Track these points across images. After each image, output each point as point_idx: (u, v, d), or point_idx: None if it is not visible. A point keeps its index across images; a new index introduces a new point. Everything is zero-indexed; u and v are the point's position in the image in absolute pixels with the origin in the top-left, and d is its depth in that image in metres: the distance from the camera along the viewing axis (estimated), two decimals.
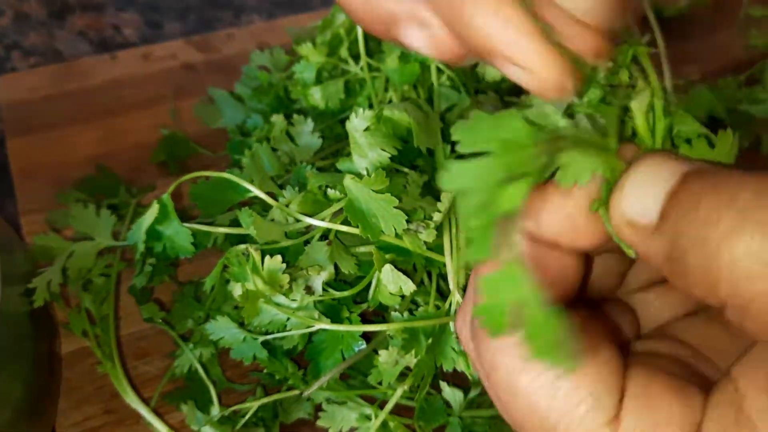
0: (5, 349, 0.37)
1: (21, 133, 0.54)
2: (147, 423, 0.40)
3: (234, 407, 0.39)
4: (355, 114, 0.37)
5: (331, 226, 0.37)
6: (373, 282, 0.38)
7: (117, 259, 0.45)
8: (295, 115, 0.45)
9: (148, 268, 0.43)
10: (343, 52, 0.47)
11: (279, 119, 0.45)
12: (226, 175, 0.40)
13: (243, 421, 0.39)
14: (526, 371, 0.22)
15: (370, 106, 0.45)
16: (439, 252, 0.37)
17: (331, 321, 0.37)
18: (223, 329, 0.39)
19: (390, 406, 0.37)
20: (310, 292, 0.37)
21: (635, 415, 0.21)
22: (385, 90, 0.45)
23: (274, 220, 0.39)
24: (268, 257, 0.36)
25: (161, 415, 0.41)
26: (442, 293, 0.39)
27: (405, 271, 0.37)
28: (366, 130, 0.37)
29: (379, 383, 0.37)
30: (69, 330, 0.42)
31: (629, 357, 0.23)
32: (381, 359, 0.36)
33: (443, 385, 0.40)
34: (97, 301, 0.43)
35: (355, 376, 0.40)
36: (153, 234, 0.40)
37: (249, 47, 0.60)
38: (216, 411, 0.40)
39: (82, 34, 0.64)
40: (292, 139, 0.45)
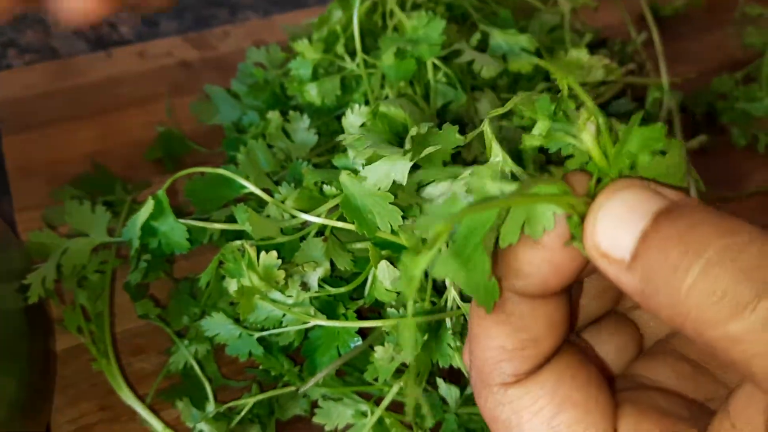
0: None
1: (17, 130, 0.54)
2: (142, 420, 0.40)
3: (230, 404, 0.39)
4: (351, 110, 0.37)
5: (326, 222, 0.37)
6: (369, 278, 0.38)
7: (112, 255, 0.45)
8: (291, 111, 0.45)
9: (143, 264, 0.43)
10: (339, 48, 0.47)
11: (275, 116, 0.45)
12: (221, 171, 0.40)
13: (239, 417, 0.39)
14: (524, 426, 0.23)
15: (366, 103, 0.45)
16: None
17: (327, 317, 0.37)
18: (218, 326, 0.39)
19: (386, 403, 0.36)
20: (306, 288, 0.37)
21: None
22: (381, 87, 0.45)
23: (269, 216, 0.39)
24: (263, 253, 0.36)
25: (157, 412, 0.41)
26: (438, 290, 0.38)
27: None
28: (362, 126, 0.37)
29: (375, 380, 0.37)
30: (64, 327, 0.42)
31: (622, 392, 0.24)
32: (377, 356, 0.36)
33: (439, 381, 0.40)
34: (92, 297, 0.43)
35: (351, 372, 0.40)
36: (148, 230, 0.40)
37: (245, 44, 0.60)
38: (211, 408, 0.40)
39: (78, 32, 0.64)
40: (288, 135, 0.45)
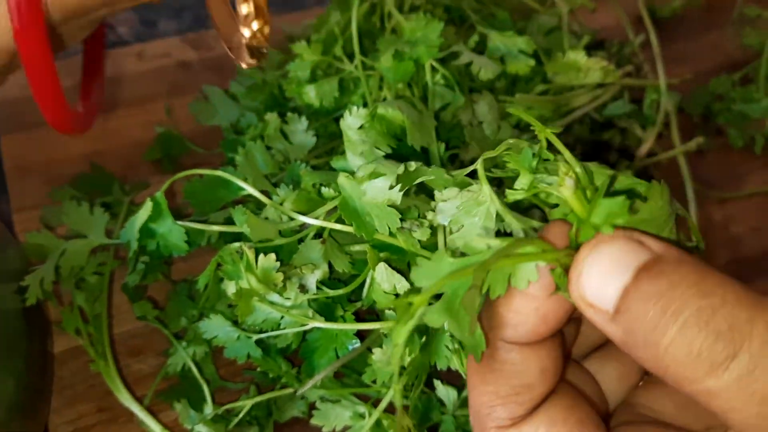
0: None
1: (14, 130, 0.54)
2: (140, 421, 0.40)
3: (227, 406, 0.39)
4: (350, 112, 0.37)
5: (325, 224, 0.37)
6: (367, 280, 0.38)
7: (110, 257, 0.44)
8: (289, 113, 0.45)
9: (141, 266, 0.43)
10: (338, 50, 0.47)
11: (273, 117, 0.45)
12: (219, 173, 0.40)
13: (236, 419, 0.39)
14: None
15: (365, 105, 0.45)
16: (434, 251, 0.37)
17: (325, 319, 0.37)
18: (216, 328, 0.39)
19: (384, 405, 0.36)
20: (304, 290, 0.37)
21: None
22: (380, 88, 0.45)
23: (268, 218, 0.39)
24: (261, 255, 0.36)
25: (154, 414, 0.41)
26: None
27: (399, 269, 0.37)
28: (360, 128, 0.37)
29: (373, 382, 0.37)
30: (62, 328, 0.42)
31: (619, 428, 0.25)
32: (375, 358, 0.36)
33: (437, 383, 0.40)
34: (90, 299, 0.43)
35: (349, 374, 0.40)
36: (146, 232, 0.40)
37: None
38: (209, 409, 0.40)
39: None
40: (287, 137, 0.45)
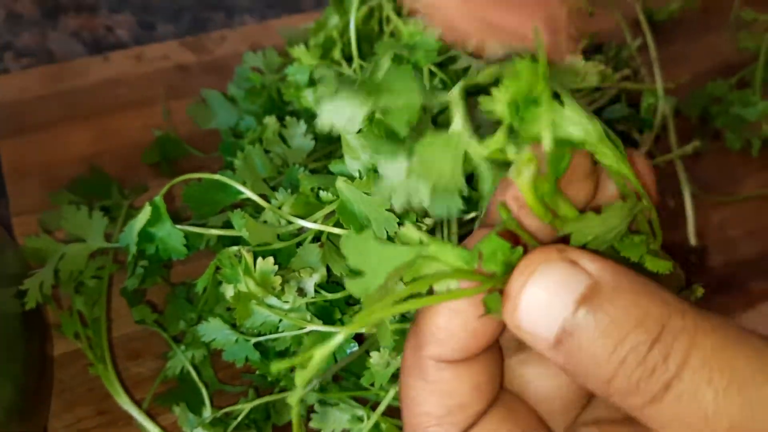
0: None
1: (13, 133, 0.54)
2: (139, 425, 0.41)
3: (226, 409, 0.40)
4: None
5: (323, 228, 0.37)
6: None
7: (109, 261, 0.45)
8: (287, 117, 0.45)
9: (140, 270, 0.43)
10: (336, 54, 0.47)
11: (272, 121, 0.45)
12: (218, 177, 0.40)
13: (235, 423, 0.39)
14: None
15: None
16: None
17: (323, 323, 0.37)
18: (215, 331, 0.39)
19: (382, 408, 0.37)
20: (302, 293, 0.37)
21: None
22: None
23: (266, 222, 0.39)
24: (260, 259, 0.36)
25: (153, 417, 0.41)
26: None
27: None
28: (358, 132, 0.37)
29: (372, 385, 0.37)
30: (61, 332, 0.42)
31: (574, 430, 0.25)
32: (373, 361, 0.36)
33: None
34: (89, 303, 0.43)
35: (347, 377, 0.40)
36: (145, 236, 0.40)
37: (242, 48, 0.60)
38: (208, 413, 0.40)
39: (75, 35, 0.64)
40: (285, 141, 0.45)
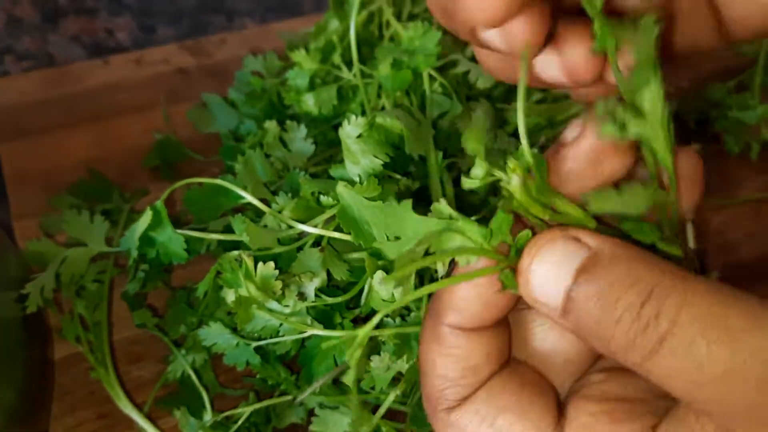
0: None
1: (13, 137, 0.54)
2: (140, 428, 0.41)
3: (227, 413, 0.40)
4: (348, 121, 0.37)
5: (323, 232, 0.37)
6: (366, 288, 0.38)
7: (110, 265, 0.45)
8: (288, 121, 0.45)
9: (141, 274, 0.43)
10: (336, 58, 0.47)
11: (272, 125, 0.45)
12: (219, 181, 0.40)
13: (236, 426, 0.39)
14: None
15: (363, 113, 0.45)
16: None
17: (324, 326, 0.37)
18: (216, 335, 0.39)
19: (382, 411, 0.37)
20: (303, 298, 0.37)
21: None
22: (378, 96, 0.45)
23: (266, 226, 0.39)
24: (260, 263, 0.36)
25: (154, 420, 0.41)
26: None
27: None
28: (358, 137, 0.37)
29: (372, 388, 0.37)
30: (62, 335, 0.42)
31: (579, 381, 0.26)
32: (373, 364, 0.36)
33: None
34: (90, 306, 0.43)
35: None
36: (146, 240, 0.40)
37: (242, 52, 0.60)
38: (209, 416, 0.40)
39: (75, 39, 0.64)
40: (285, 145, 0.45)
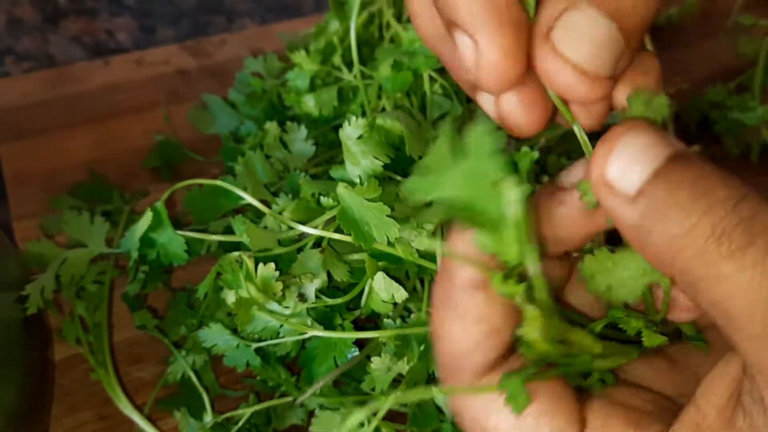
0: None
1: (13, 138, 0.54)
2: (140, 429, 0.41)
3: (227, 414, 0.40)
4: (348, 122, 0.37)
5: (323, 233, 0.37)
6: (366, 289, 0.38)
7: (110, 266, 0.45)
8: (288, 122, 0.45)
9: (142, 275, 0.43)
10: (337, 59, 0.47)
11: (272, 126, 0.45)
12: (219, 182, 0.40)
13: (236, 427, 0.39)
14: (492, 417, 0.23)
15: (363, 114, 0.45)
16: (431, 259, 0.37)
17: (324, 328, 0.37)
18: (216, 336, 0.39)
19: (383, 413, 0.37)
20: (303, 299, 0.37)
21: None
22: (378, 98, 0.45)
23: (267, 227, 0.39)
24: (261, 265, 0.36)
25: (154, 422, 0.41)
26: None
27: (397, 278, 0.38)
28: (359, 138, 0.37)
29: (372, 389, 0.37)
30: (62, 337, 0.42)
31: (586, 392, 0.25)
32: (374, 366, 0.37)
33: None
34: (90, 308, 0.43)
35: (348, 382, 0.40)
36: (146, 242, 0.40)
37: (242, 53, 0.60)
38: (209, 417, 0.40)
39: (76, 39, 0.64)
40: (286, 146, 0.45)
